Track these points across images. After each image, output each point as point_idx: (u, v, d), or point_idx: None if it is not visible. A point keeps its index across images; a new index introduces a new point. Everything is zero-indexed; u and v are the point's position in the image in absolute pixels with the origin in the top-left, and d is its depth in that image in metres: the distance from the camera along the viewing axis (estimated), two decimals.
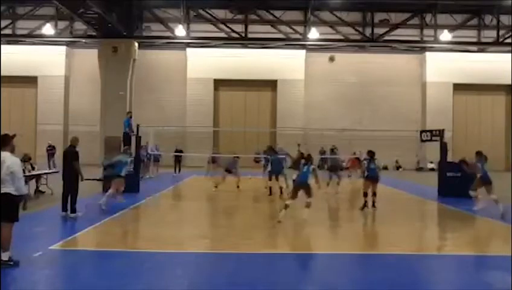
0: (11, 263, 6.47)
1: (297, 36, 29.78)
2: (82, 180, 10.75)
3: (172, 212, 12.76)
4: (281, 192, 15.06)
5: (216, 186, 16.27)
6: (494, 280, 6.37)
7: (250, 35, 29.55)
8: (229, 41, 30.61)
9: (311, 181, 10.48)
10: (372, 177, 12.18)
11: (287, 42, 30.78)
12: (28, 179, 14.12)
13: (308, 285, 6.21)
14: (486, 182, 11.82)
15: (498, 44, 28.98)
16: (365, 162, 12.54)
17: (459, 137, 31.77)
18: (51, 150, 28.38)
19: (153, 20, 30.38)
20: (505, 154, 32.71)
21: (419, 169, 31.36)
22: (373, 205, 12.25)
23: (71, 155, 10.53)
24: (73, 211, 10.55)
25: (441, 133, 16.79)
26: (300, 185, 10.29)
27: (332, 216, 12.53)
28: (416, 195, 16.46)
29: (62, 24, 30.21)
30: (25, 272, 6.40)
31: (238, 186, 16.52)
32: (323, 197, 14.80)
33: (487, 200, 11.88)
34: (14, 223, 6.67)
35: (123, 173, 12.26)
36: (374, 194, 12.20)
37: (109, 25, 26.45)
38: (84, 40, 31.24)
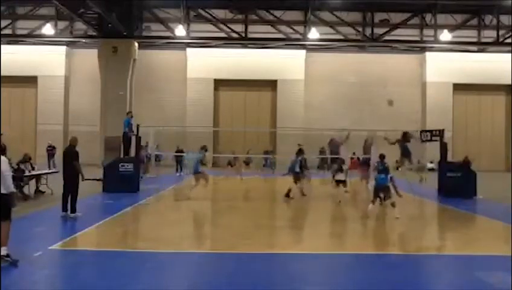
0: (9, 259, 6.47)
1: (298, 36, 29.77)
2: (83, 180, 10.72)
3: (172, 212, 12.72)
4: (302, 193, 14.80)
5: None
6: (495, 280, 6.34)
7: (250, 35, 29.53)
8: (229, 41, 30.57)
9: None
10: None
11: (287, 42, 30.74)
12: (28, 179, 14.21)
13: (308, 285, 6.18)
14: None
15: (498, 44, 28.93)
16: (376, 163, 12.67)
17: (459, 137, 31.74)
18: (51, 150, 28.38)
19: (153, 20, 30.36)
20: (505, 155, 32.70)
21: (419, 169, 31.30)
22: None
23: (71, 155, 10.54)
24: (74, 210, 10.53)
25: (440, 133, 16.73)
26: (381, 188, 11.23)
27: (332, 216, 12.51)
28: (416, 195, 16.40)
29: (62, 24, 30.19)
30: (24, 273, 6.38)
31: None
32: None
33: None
34: (11, 220, 6.69)
35: (200, 169, 14.42)
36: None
37: (109, 25, 26.46)
38: (84, 40, 31.22)
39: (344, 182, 14.09)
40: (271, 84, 32.55)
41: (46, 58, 31.66)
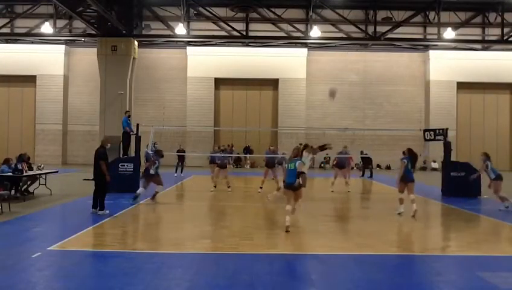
0: None
1: (299, 34, 29.52)
2: (108, 180, 11.16)
3: (172, 212, 12.58)
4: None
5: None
6: (499, 281, 6.20)
7: (251, 34, 29.32)
8: (230, 39, 30.38)
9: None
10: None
11: (289, 40, 30.54)
12: (27, 179, 14.02)
13: (308, 286, 6.10)
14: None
15: (502, 42, 28.67)
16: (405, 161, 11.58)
17: (462, 136, 31.56)
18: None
19: (153, 19, 30.15)
20: (510, 154, 32.52)
21: (423, 169, 31.15)
22: None
23: (98, 155, 11.25)
24: (102, 208, 11.06)
25: (444, 132, 16.55)
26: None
27: (334, 216, 12.33)
28: (419, 195, 16.20)
29: (61, 23, 29.98)
30: (23, 274, 6.29)
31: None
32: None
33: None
34: None
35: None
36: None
37: (108, 24, 26.28)
38: (83, 39, 31.07)
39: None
40: (272, 83, 32.38)
41: (44, 57, 31.50)
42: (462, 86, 31.86)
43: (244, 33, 28.70)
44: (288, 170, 9.80)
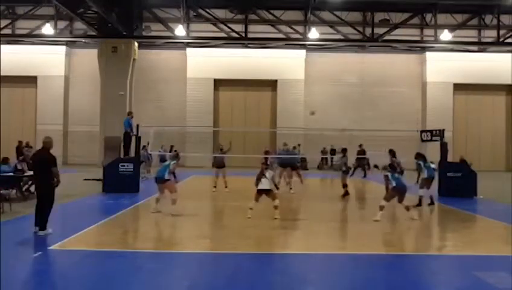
0: None
1: (298, 36, 29.66)
2: (56, 185, 8.69)
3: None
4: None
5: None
6: (495, 281, 6.28)
7: (250, 35, 29.39)
8: (229, 41, 30.48)
9: None
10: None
11: (287, 42, 30.64)
12: (27, 179, 14.09)
13: (308, 285, 6.16)
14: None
15: (498, 44, 28.84)
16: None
17: (459, 137, 31.69)
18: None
19: (153, 20, 30.27)
20: (506, 155, 32.67)
21: None
22: None
23: (50, 161, 8.57)
24: (44, 227, 8.45)
25: (441, 133, 16.70)
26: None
27: (333, 216, 12.45)
28: (416, 195, 16.33)
29: (62, 24, 30.09)
30: (24, 273, 6.36)
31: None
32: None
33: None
34: None
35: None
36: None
37: (109, 25, 26.35)
38: (83, 40, 31.12)
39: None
40: (271, 84, 32.50)
41: (45, 58, 31.54)
42: (458, 87, 32.00)
43: (243, 35, 28.81)
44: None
